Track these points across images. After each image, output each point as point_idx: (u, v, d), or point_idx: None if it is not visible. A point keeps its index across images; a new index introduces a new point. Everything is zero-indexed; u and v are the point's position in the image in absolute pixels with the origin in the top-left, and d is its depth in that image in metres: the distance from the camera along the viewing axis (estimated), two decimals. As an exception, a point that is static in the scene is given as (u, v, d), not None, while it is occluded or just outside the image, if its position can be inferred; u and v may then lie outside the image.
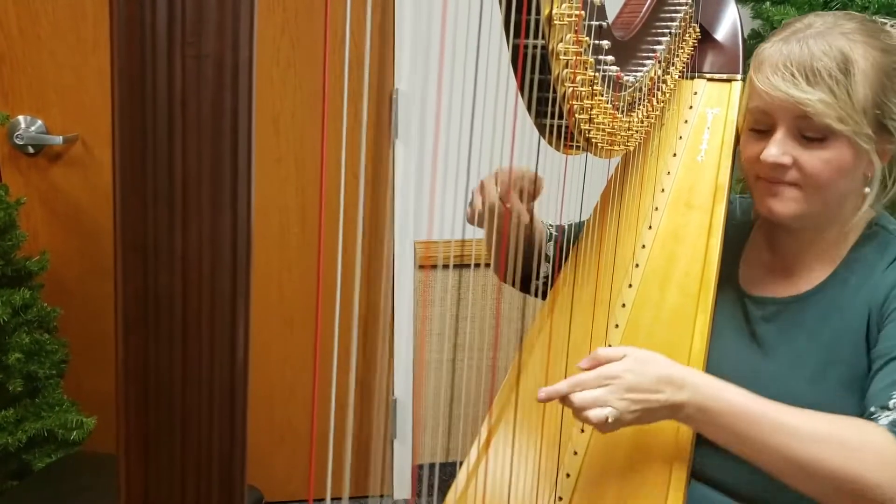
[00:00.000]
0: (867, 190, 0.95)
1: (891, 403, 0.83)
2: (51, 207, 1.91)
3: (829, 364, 0.94)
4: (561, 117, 0.91)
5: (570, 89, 0.89)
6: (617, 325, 1.04)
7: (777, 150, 0.92)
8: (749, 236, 1.10)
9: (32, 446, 1.63)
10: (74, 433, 1.62)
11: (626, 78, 0.99)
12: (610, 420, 0.80)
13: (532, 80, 0.87)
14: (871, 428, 0.81)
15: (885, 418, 0.82)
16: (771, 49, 0.94)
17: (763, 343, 1.00)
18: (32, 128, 1.86)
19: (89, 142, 1.90)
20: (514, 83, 0.84)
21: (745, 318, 1.03)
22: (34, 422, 1.61)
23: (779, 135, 0.93)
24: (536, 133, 0.92)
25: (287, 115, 1.96)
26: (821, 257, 0.99)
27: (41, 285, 1.70)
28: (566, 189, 0.97)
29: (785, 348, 0.98)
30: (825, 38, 0.91)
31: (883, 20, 0.96)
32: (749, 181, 1.00)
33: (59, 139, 1.84)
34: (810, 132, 0.91)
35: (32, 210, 1.87)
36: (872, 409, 0.84)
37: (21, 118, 1.85)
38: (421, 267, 2.08)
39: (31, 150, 1.87)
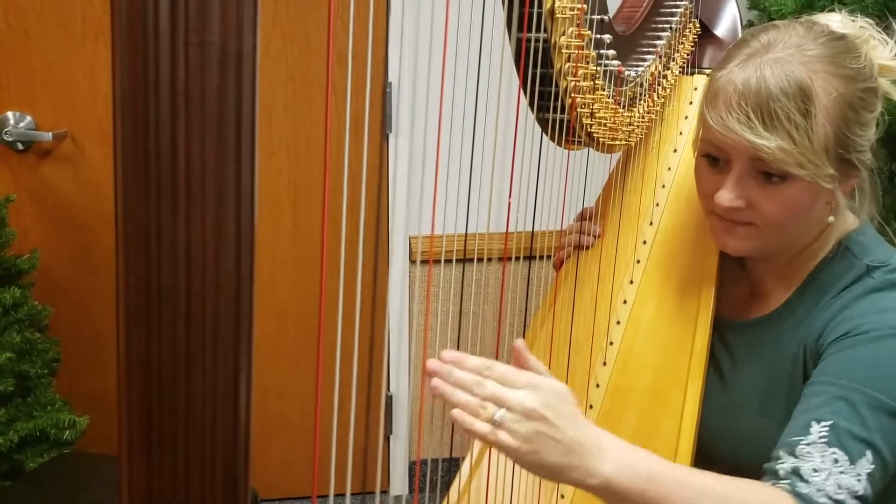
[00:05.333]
0: (831, 219, 0.90)
1: (797, 450, 0.77)
2: (41, 205, 1.89)
3: (769, 397, 0.92)
4: (563, 112, 0.91)
5: (572, 83, 0.88)
6: (619, 322, 1.04)
7: (731, 194, 0.87)
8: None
9: (24, 446, 1.61)
10: (67, 433, 1.60)
11: (627, 73, 0.99)
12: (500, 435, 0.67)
13: (534, 75, 0.86)
14: (777, 494, 0.75)
15: (784, 464, 0.77)
16: (726, 78, 0.85)
17: (719, 367, 0.98)
18: (21, 124, 1.84)
19: (79, 138, 1.88)
20: (508, 76, 0.83)
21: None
22: (26, 422, 1.60)
23: (732, 178, 0.87)
24: (531, 128, 0.91)
25: (279, 109, 1.94)
26: (785, 279, 0.96)
27: (32, 283, 1.68)
28: (567, 184, 0.97)
29: (736, 375, 0.96)
30: (783, 68, 0.82)
31: (867, 20, 0.90)
32: (704, 211, 0.96)
33: (48, 135, 1.82)
34: (768, 170, 0.85)
35: (22, 207, 1.85)
36: (780, 451, 0.78)
37: (10, 114, 1.83)
38: (413, 262, 2.07)
39: (20, 146, 1.85)
